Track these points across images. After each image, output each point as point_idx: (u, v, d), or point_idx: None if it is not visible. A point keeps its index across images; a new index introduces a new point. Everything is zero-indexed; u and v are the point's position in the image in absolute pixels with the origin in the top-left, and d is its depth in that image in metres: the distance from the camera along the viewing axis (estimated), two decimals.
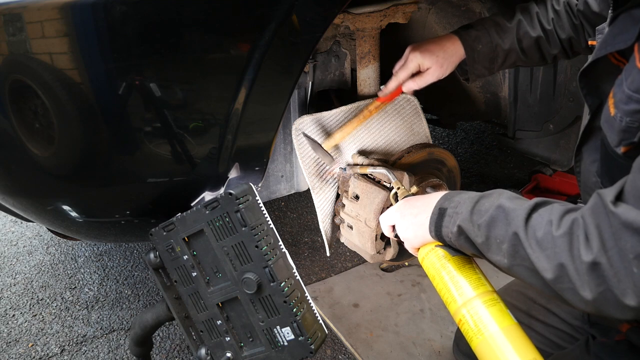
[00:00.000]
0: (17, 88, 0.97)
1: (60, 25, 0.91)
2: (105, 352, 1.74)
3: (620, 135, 0.78)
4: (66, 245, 2.37)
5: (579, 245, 0.70)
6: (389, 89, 1.36)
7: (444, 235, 0.91)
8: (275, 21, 1.00)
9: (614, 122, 0.78)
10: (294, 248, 2.27)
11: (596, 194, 0.72)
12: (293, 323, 1.04)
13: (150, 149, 1.08)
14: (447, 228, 0.90)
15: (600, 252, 0.67)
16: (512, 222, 0.79)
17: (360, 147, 1.51)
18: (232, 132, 1.11)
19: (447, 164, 1.61)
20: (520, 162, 2.95)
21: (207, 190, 1.22)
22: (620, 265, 0.66)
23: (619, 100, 0.76)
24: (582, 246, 0.70)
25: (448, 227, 0.90)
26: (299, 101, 1.53)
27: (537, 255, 0.74)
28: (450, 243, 0.91)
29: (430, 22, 1.83)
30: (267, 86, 1.08)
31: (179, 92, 1.03)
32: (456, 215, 0.88)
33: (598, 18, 1.10)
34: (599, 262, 0.67)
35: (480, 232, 0.83)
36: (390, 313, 1.82)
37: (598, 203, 0.70)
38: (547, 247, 0.73)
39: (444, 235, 0.91)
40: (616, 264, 0.66)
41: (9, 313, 1.96)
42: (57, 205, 1.19)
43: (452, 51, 1.27)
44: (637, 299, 0.65)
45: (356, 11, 1.34)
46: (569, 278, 0.71)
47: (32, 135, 1.04)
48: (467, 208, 0.86)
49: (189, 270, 1.13)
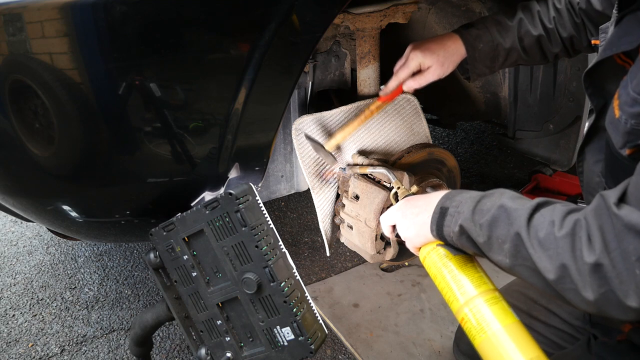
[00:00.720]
0: (17, 88, 0.97)
1: (60, 25, 0.91)
2: (105, 352, 1.74)
3: (625, 138, 0.78)
4: (66, 245, 2.37)
5: (582, 246, 0.70)
6: (390, 88, 1.35)
7: (445, 235, 0.91)
8: (275, 21, 1.00)
9: (619, 124, 0.78)
10: (294, 248, 2.27)
11: (599, 195, 0.72)
12: (293, 323, 1.04)
13: (150, 149, 1.08)
14: (449, 227, 0.90)
15: (603, 253, 0.68)
16: (514, 222, 0.79)
17: (360, 147, 1.51)
18: (232, 132, 1.11)
19: (447, 164, 1.61)
20: (520, 162, 2.95)
21: (207, 190, 1.22)
22: (623, 267, 0.66)
23: (624, 102, 0.76)
24: (585, 247, 0.70)
25: (450, 226, 0.89)
26: (299, 101, 1.53)
27: (539, 255, 0.74)
28: (452, 242, 0.91)
29: (430, 22, 1.83)
30: (267, 86, 1.08)
31: (179, 92, 1.03)
32: (458, 215, 0.88)
33: (600, 17, 1.10)
34: (601, 263, 0.67)
35: (482, 231, 0.83)
36: (390, 313, 1.82)
37: (601, 204, 0.70)
38: (550, 247, 0.73)
39: (445, 234, 0.91)
40: (619, 265, 0.66)
41: (9, 313, 1.96)
42: (57, 205, 1.19)
43: (453, 50, 1.27)
44: (639, 300, 0.65)
45: (356, 11, 1.34)
46: (571, 279, 0.71)
47: (32, 135, 1.04)
48: (469, 207, 0.86)
49: (189, 270, 1.13)
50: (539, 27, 1.23)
